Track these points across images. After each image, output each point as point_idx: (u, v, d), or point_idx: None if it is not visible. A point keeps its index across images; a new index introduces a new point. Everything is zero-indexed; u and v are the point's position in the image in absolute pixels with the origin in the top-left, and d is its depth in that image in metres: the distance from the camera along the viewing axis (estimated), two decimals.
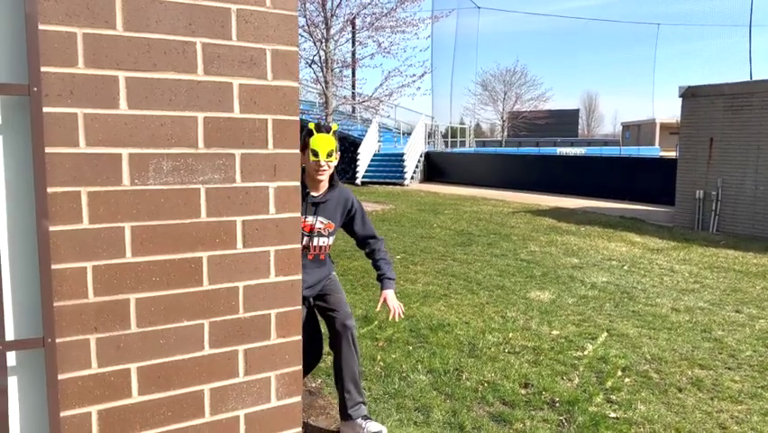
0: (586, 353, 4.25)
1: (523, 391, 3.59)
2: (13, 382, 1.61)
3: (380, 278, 3.12)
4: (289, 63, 1.99)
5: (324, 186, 2.97)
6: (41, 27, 1.57)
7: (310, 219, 2.94)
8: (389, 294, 3.07)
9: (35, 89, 1.54)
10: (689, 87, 11.22)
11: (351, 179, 19.71)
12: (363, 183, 19.53)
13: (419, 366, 3.90)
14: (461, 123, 35.79)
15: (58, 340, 1.64)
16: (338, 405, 3.09)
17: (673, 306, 5.56)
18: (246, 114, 1.94)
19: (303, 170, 2.91)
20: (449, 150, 25.67)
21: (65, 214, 1.66)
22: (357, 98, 17.92)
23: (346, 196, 3.04)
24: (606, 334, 4.68)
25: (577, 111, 60.84)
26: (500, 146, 36.29)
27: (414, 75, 16.34)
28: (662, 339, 4.60)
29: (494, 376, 3.76)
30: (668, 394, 3.62)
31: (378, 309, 3.13)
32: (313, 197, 2.94)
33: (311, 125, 2.89)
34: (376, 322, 4.84)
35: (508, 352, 4.23)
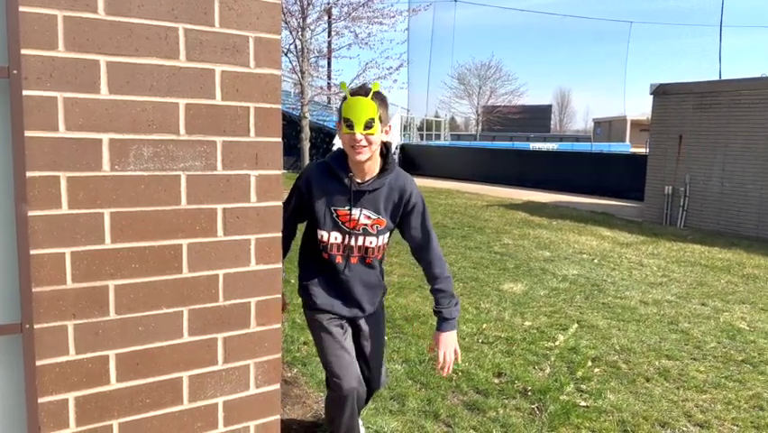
0: (557, 343, 4.34)
1: (496, 381, 3.66)
2: None
3: (437, 314, 2.42)
4: (272, 51, 1.98)
5: (372, 169, 2.28)
6: (21, 9, 1.54)
7: (355, 213, 2.29)
8: (446, 339, 2.36)
9: (15, 72, 1.51)
10: (659, 84, 11.45)
11: None
12: None
13: (395, 356, 3.94)
14: (437, 116, 35.94)
15: (36, 326, 1.62)
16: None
17: (642, 298, 5.70)
18: (228, 101, 1.93)
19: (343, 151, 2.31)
20: (424, 143, 25.77)
21: (44, 199, 1.64)
22: (333, 89, 17.82)
23: (402, 184, 2.32)
24: (576, 325, 4.78)
25: (550, 107, 61.52)
26: (475, 140, 36.56)
27: (390, 67, 16.34)
28: (631, 331, 4.72)
29: (468, 366, 3.82)
30: (636, 384, 3.72)
31: (427, 353, 2.69)
32: (357, 183, 2.28)
33: (343, 86, 2.37)
34: None
35: (482, 342, 4.30)
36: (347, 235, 2.33)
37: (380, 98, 2.18)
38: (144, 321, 1.84)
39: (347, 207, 2.29)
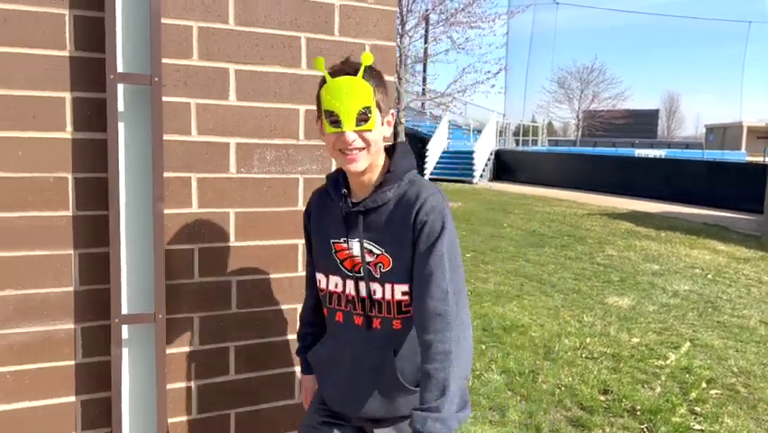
0: (668, 362, 4.09)
1: (602, 398, 3.50)
2: (124, 355, 1.72)
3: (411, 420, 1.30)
4: (387, 58, 2.02)
5: (368, 180, 1.44)
6: (163, 21, 1.66)
7: (352, 244, 1.44)
8: None
9: (156, 79, 1.63)
10: None
11: None
12: (432, 180, 19.50)
13: (493, 366, 3.87)
14: (533, 121, 35.10)
15: (167, 317, 1.74)
16: None
17: (762, 318, 5.25)
18: None
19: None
20: (520, 148, 25.23)
21: (177, 198, 1.76)
22: (429, 94, 17.86)
23: (414, 196, 1.39)
24: (689, 344, 4.49)
25: (656, 111, 58.37)
26: (574, 146, 35.34)
27: (489, 72, 16.15)
28: (751, 352, 4.36)
29: (571, 381, 3.69)
30: (757, 410, 3.43)
31: None
32: (352, 203, 1.45)
33: (319, 64, 1.37)
34: None
35: (586, 357, 4.13)
36: (347, 280, 1.47)
37: (376, 76, 1.39)
38: (263, 316, 1.92)
39: (342, 238, 1.46)
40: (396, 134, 15.63)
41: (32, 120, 1.61)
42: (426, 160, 20.05)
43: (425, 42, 16.51)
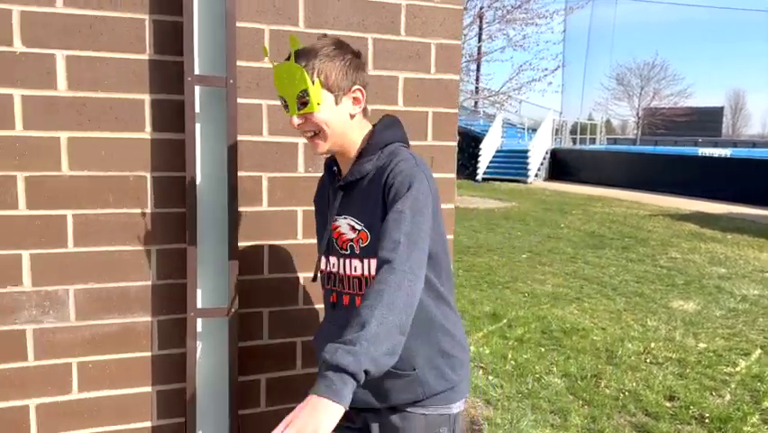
0: (738, 369, 3.92)
1: (668, 404, 3.39)
2: (198, 347, 1.78)
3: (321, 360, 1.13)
4: (452, 57, 2.02)
5: (349, 157, 1.42)
6: (237, 24, 1.71)
7: (339, 221, 1.44)
8: (305, 409, 1.04)
9: (231, 81, 1.68)
10: None
11: (471, 175, 19.53)
12: (484, 179, 19.29)
13: (554, 369, 3.81)
14: (590, 119, 34.20)
15: (239, 311, 1.79)
16: None
17: None
18: (409, 107, 2.00)
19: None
20: (578, 147, 24.65)
21: (249, 196, 1.81)
22: (483, 93, 17.68)
23: (385, 164, 1.36)
24: (760, 351, 4.29)
25: (721, 109, 55.88)
26: (633, 144, 34.26)
27: (546, 69, 15.85)
28: None
29: (635, 386, 3.58)
30: None
31: None
32: (338, 179, 1.46)
33: (264, 52, 1.43)
34: (505, 320, 4.78)
35: (650, 362, 4.01)
36: (340, 259, 1.44)
37: (308, 54, 1.32)
38: None
39: (334, 216, 1.45)
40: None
41: (114, 121, 1.69)
42: (479, 159, 19.85)
43: (479, 41, 16.36)
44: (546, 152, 20.44)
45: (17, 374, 1.69)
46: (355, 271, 1.40)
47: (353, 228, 1.40)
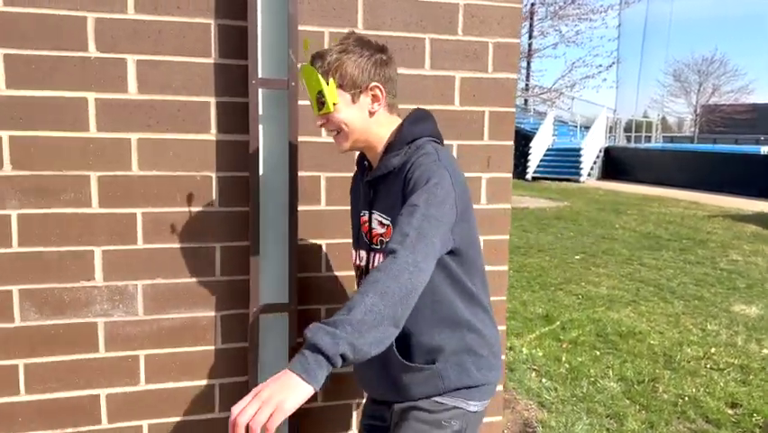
0: None
1: (730, 411, 3.27)
2: (260, 342, 1.83)
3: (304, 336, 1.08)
4: (510, 55, 2.00)
5: (377, 153, 1.41)
6: (299, 27, 1.75)
7: (367, 215, 1.46)
8: (276, 380, 1.02)
9: (293, 84, 1.72)
10: None
11: (521, 174, 19.26)
12: (534, 178, 18.99)
13: (609, 373, 3.73)
14: (645, 116, 33.20)
15: (298, 307, 1.83)
16: None
17: None
18: (465, 106, 1.99)
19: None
20: (632, 145, 23.96)
21: (307, 196, 1.85)
22: (534, 90, 17.39)
23: (407, 160, 1.35)
24: None
25: None
26: (691, 142, 33.02)
27: (600, 65, 15.48)
28: None
29: (695, 392, 3.47)
30: None
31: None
32: (367, 174, 1.46)
33: (305, 45, 1.43)
34: (558, 322, 4.71)
35: (711, 367, 3.87)
36: (369, 254, 1.44)
37: (324, 55, 1.34)
38: None
39: (363, 211, 1.47)
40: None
41: (182, 123, 1.75)
42: (529, 157, 19.55)
43: (530, 38, 16.11)
44: (600, 151, 19.97)
45: (89, 365, 1.78)
46: None
47: (382, 223, 1.39)
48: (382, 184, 1.39)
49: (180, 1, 1.71)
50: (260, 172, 1.76)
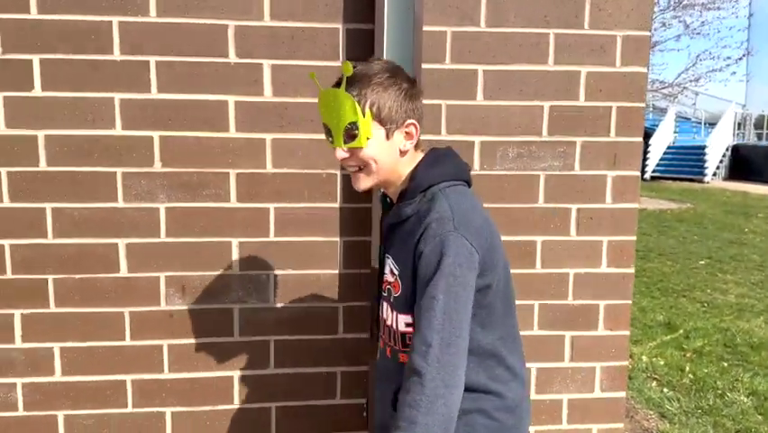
0: None
1: None
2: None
3: None
4: (640, 48, 1.93)
5: (396, 193, 1.29)
6: (424, 28, 1.79)
7: (386, 261, 1.30)
8: None
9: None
10: None
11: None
12: (653, 178, 17.91)
13: (738, 386, 3.46)
14: None
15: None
16: None
17: None
18: (591, 101, 1.94)
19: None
20: (765, 143, 21.96)
21: None
22: (654, 85, 16.40)
23: (424, 216, 1.19)
24: None
25: None
26: None
27: (728, 58, 14.32)
28: None
29: None
30: None
31: None
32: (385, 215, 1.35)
33: (312, 75, 1.28)
34: (681, 331, 4.43)
35: None
36: (382, 301, 1.34)
37: (361, 82, 1.19)
38: None
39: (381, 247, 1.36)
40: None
41: (310, 123, 1.85)
42: (648, 156, 18.47)
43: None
44: (727, 149, 18.48)
45: (224, 348, 1.92)
46: (387, 316, 1.29)
47: (392, 272, 1.25)
48: (397, 230, 1.26)
49: (311, 7, 1.80)
50: None
